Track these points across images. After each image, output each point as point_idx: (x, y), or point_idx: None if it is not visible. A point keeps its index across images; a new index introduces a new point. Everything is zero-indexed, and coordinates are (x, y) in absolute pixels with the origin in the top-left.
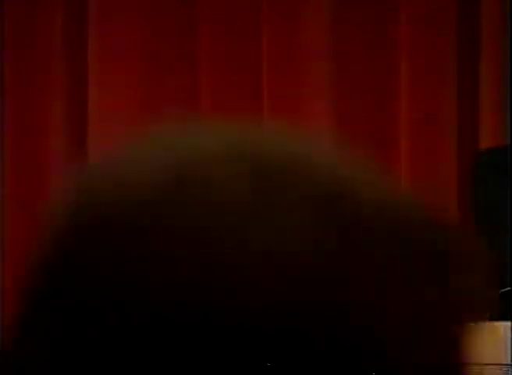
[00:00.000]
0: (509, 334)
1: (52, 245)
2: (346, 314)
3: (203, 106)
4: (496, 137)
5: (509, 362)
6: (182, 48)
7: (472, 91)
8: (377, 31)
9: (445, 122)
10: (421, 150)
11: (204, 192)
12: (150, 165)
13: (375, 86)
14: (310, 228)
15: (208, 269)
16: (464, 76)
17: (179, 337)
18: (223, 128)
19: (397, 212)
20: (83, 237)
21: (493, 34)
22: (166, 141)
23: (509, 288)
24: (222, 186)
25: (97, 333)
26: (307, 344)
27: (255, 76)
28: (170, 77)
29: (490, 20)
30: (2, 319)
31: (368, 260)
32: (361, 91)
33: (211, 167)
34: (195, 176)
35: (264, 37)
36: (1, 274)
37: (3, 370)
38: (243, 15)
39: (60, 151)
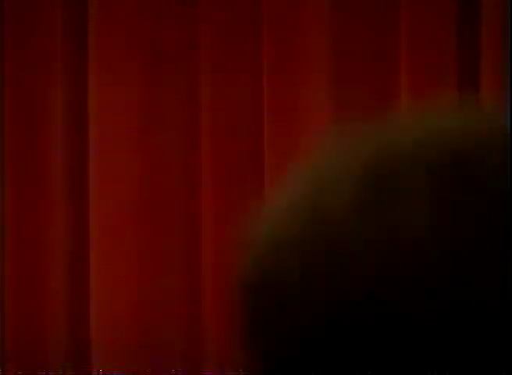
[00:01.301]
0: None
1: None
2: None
3: (203, 106)
4: None
5: None
6: (182, 49)
7: (472, 91)
8: (377, 31)
9: None
10: None
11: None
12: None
13: (375, 86)
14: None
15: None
16: (463, 75)
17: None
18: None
19: None
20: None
21: (493, 34)
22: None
23: None
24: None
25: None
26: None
27: (255, 77)
28: (170, 77)
29: (490, 20)
30: (2, 322)
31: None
32: (361, 91)
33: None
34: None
35: (264, 38)
36: (1, 275)
37: None
38: (243, 15)
39: (60, 151)
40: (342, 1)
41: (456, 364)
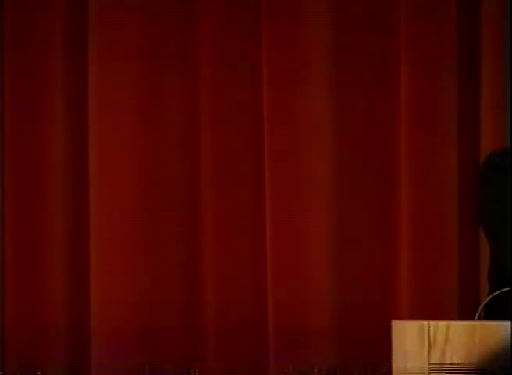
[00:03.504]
0: (509, 334)
1: None
2: None
3: (203, 107)
4: (496, 138)
5: (508, 362)
6: (182, 48)
7: (472, 91)
8: (377, 31)
9: (445, 122)
10: (421, 150)
11: None
12: None
13: (375, 86)
14: None
15: None
16: (463, 76)
17: None
18: None
19: None
20: None
21: (493, 34)
22: None
23: (509, 288)
24: None
25: None
26: None
27: (255, 76)
28: (170, 77)
29: (490, 20)
30: (2, 321)
31: None
32: (361, 91)
33: None
34: None
35: (264, 37)
36: (1, 274)
37: None
38: (243, 15)
39: (60, 150)
40: (342, 4)
41: None
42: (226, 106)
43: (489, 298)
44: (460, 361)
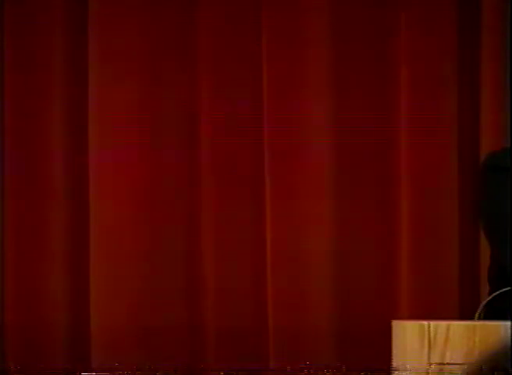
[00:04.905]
0: (509, 334)
1: None
2: None
3: (203, 107)
4: (496, 137)
5: (509, 362)
6: (182, 48)
7: (472, 91)
8: (377, 31)
9: (445, 122)
10: (421, 150)
11: None
12: None
13: (375, 86)
14: None
15: None
16: (463, 76)
17: None
18: None
19: None
20: None
21: (493, 35)
22: None
23: (509, 288)
24: None
25: None
26: None
27: (255, 76)
28: (170, 77)
29: (490, 20)
30: (2, 320)
31: None
32: (361, 90)
33: None
34: None
35: (264, 37)
36: (1, 274)
37: None
38: (244, 15)
39: (60, 151)
40: (342, 3)
41: None
42: (226, 104)
43: (489, 298)
44: (460, 361)
